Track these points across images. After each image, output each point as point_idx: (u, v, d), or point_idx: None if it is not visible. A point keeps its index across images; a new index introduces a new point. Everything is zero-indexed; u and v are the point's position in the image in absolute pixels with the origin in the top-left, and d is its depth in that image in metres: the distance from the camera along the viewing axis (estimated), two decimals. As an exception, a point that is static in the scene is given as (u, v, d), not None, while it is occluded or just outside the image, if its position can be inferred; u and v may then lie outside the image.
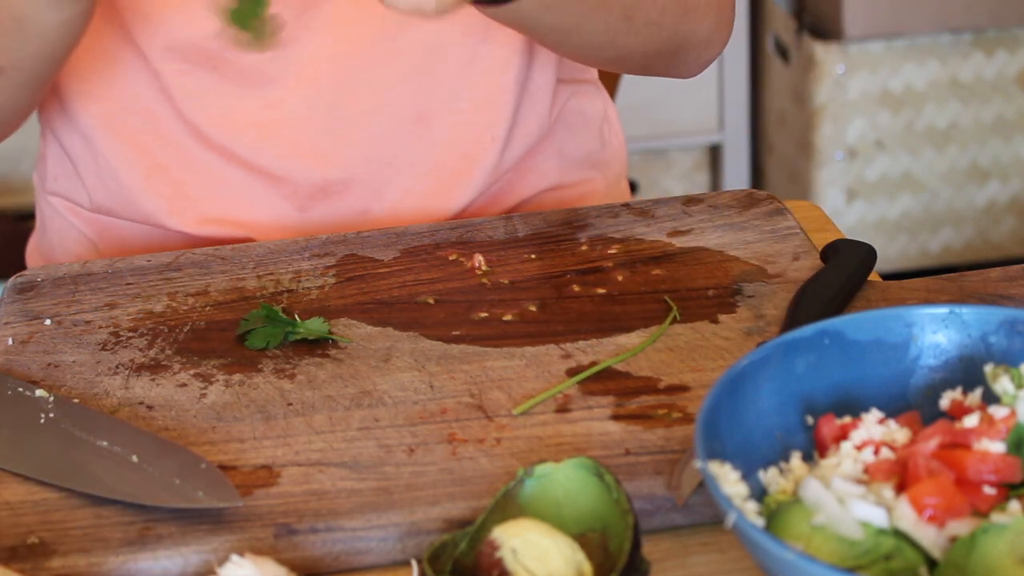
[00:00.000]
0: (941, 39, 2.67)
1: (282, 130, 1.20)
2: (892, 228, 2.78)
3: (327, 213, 1.23)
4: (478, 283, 1.10)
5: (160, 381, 1.01)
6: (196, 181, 1.22)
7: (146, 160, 1.22)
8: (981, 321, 0.87)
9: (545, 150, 1.30)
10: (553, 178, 1.30)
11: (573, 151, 1.32)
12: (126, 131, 1.22)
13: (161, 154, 1.22)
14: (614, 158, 1.37)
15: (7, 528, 0.88)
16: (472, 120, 1.23)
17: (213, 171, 1.22)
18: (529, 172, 1.29)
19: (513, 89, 1.24)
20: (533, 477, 0.83)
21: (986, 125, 2.73)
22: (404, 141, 1.22)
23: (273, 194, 1.22)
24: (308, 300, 1.09)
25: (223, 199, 1.22)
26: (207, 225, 1.23)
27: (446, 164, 1.24)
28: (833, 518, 0.77)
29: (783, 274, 1.09)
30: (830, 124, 2.70)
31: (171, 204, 1.23)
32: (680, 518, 0.88)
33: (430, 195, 1.24)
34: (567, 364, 1.00)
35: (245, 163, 1.21)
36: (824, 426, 0.83)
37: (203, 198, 1.23)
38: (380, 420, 0.95)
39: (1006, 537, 0.74)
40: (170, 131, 1.21)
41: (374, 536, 0.87)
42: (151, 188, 1.23)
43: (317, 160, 1.21)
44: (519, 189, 1.29)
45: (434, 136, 1.23)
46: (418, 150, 1.23)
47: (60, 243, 1.30)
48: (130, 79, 1.20)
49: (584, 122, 1.33)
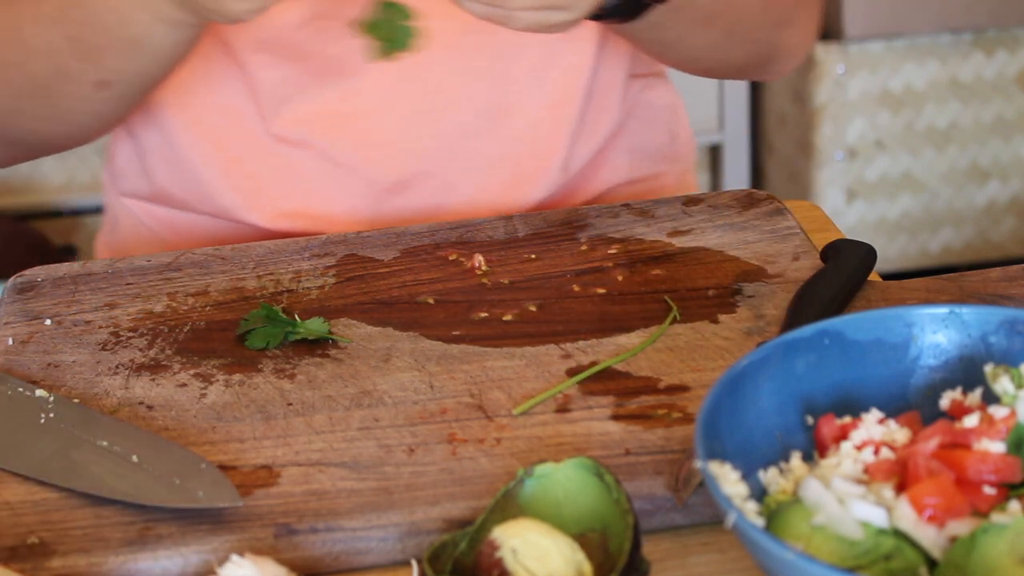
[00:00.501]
0: (941, 39, 2.67)
1: (360, 122, 1.22)
2: (892, 228, 2.78)
3: (401, 207, 1.24)
4: (478, 283, 1.10)
5: (160, 381, 1.01)
6: (273, 175, 1.24)
7: (225, 155, 1.24)
8: (981, 321, 0.87)
9: (617, 145, 1.31)
10: (625, 173, 1.31)
11: (644, 145, 1.33)
12: (206, 126, 1.23)
13: (239, 149, 1.24)
14: (683, 151, 1.38)
15: (7, 528, 0.88)
16: (547, 117, 1.25)
17: (290, 165, 1.23)
18: (601, 167, 1.30)
19: (587, 86, 1.25)
20: (533, 477, 0.83)
21: (986, 125, 2.73)
22: (480, 136, 1.24)
23: (349, 188, 1.23)
24: (308, 300, 1.09)
25: (299, 193, 1.24)
26: (282, 219, 1.24)
27: (520, 160, 1.25)
28: (833, 518, 0.77)
29: (783, 274, 1.09)
30: (830, 124, 2.70)
31: (248, 199, 1.24)
32: (680, 518, 0.88)
33: (504, 191, 1.25)
34: (567, 364, 1.00)
35: (323, 155, 1.23)
36: (824, 426, 0.83)
37: (280, 193, 1.24)
38: (380, 420, 0.95)
39: (1006, 537, 0.74)
40: (250, 126, 1.23)
41: (374, 536, 0.87)
42: (229, 183, 1.24)
43: (394, 153, 1.23)
44: (592, 184, 1.30)
45: (509, 132, 1.24)
46: (493, 146, 1.24)
47: (134, 243, 1.32)
48: (214, 75, 1.22)
49: (654, 115, 1.34)
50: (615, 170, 1.31)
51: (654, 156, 1.34)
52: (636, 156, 1.32)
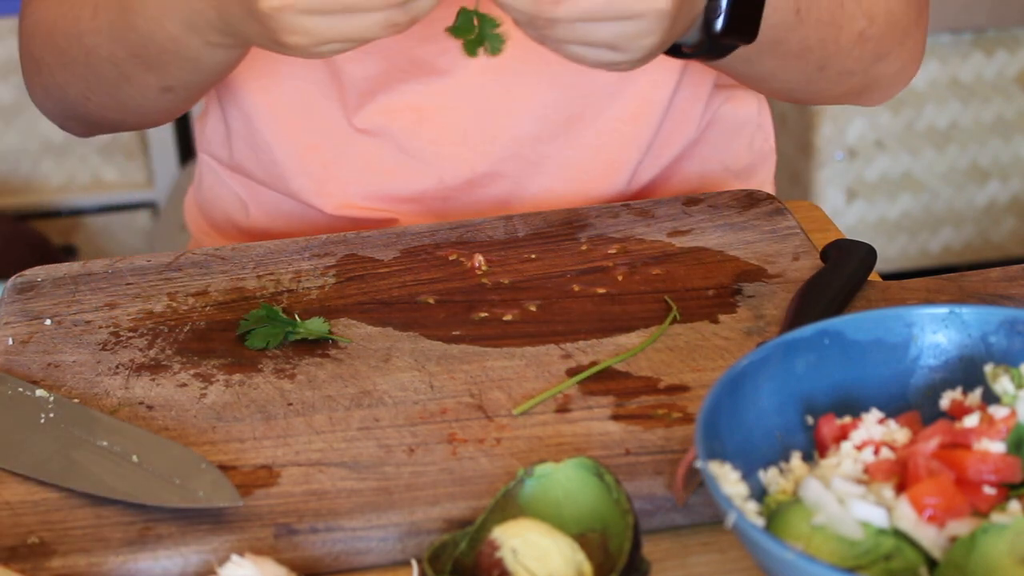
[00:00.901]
0: (941, 39, 2.67)
1: (438, 118, 1.23)
2: (892, 228, 2.78)
3: (467, 204, 1.25)
4: (478, 283, 1.10)
5: (160, 381, 1.01)
6: (347, 164, 1.25)
7: (301, 140, 1.25)
8: (981, 321, 0.87)
9: (692, 157, 1.30)
10: (695, 184, 1.31)
11: (720, 158, 1.32)
12: (285, 111, 1.24)
13: (316, 136, 1.25)
14: (761, 164, 1.36)
15: (7, 528, 0.88)
16: (621, 129, 1.25)
17: (365, 155, 1.24)
18: (673, 178, 1.30)
19: (666, 103, 1.25)
20: (533, 477, 0.83)
21: (986, 125, 2.73)
22: (553, 142, 1.24)
23: (420, 182, 1.24)
24: (308, 300, 1.09)
25: (370, 183, 1.25)
26: (349, 208, 1.25)
27: (590, 168, 1.25)
28: (833, 518, 0.77)
29: (783, 274, 1.09)
30: (830, 124, 2.70)
31: (320, 185, 1.25)
32: (680, 518, 0.88)
33: (570, 195, 1.26)
34: (567, 364, 1.00)
35: (399, 147, 1.23)
36: (824, 426, 0.83)
37: (351, 181, 1.25)
38: (380, 420, 0.95)
39: (1006, 537, 0.74)
40: (329, 114, 1.24)
41: (374, 536, 0.87)
42: (303, 168, 1.25)
43: (468, 150, 1.23)
44: (660, 194, 1.29)
45: (582, 141, 1.24)
46: (566, 152, 1.25)
47: (215, 199, 1.34)
48: (298, 62, 1.22)
49: (736, 129, 1.32)
50: (686, 181, 1.30)
51: (728, 169, 1.33)
52: (710, 168, 1.31)
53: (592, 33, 0.94)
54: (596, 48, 0.95)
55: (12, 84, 2.74)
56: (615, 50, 0.95)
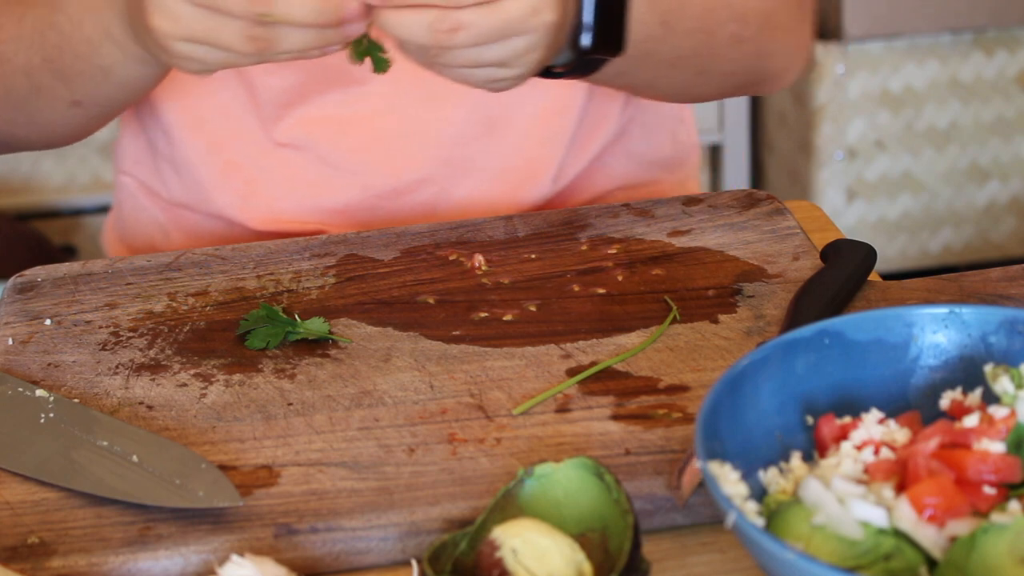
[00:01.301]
0: (941, 39, 2.67)
1: (359, 128, 1.22)
2: (892, 228, 2.78)
3: (395, 212, 1.25)
4: (478, 283, 1.10)
5: (160, 381, 1.01)
6: (270, 178, 1.24)
7: (222, 156, 1.24)
8: (981, 321, 0.87)
9: (615, 152, 1.30)
10: (621, 179, 1.31)
11: (643, 152, 1.32)
12: (204, 127, 1.24)
13: (236, 151, 1.24)
14: (685, 158, 1.36)
15: (7, 528, 0.88)
16: (542, 126, 1.25)
17: (288, 168, 1.24)
18: (597, 173, 1.30)
19: (583, 96, 1.25)
20: (533, 477, 0.83)
21: (986, 125, 2.73)
22: (475, 145, 1.24)
23: (345, 192, 1.24)
24: (308, 300, 1.09)
25: (295, 196, 1.24)
26: (276, 223, 1.24)
27: (515, 168, 1.25)
28: (833, 518, 0.77)
29: (783, 274, 1.09)
30: (830, 124, 2.70)
31: (243, 201, 1.25)
32: (680, 518, 0.88)
33: (498, 197, 1.25)
34: (567, 364, 1.00)
35: (321, 159, 1.23)
36: (824, 426, 0.83)
37: (275, 196, 1.24)
38: (380, 420, 0.95)
39: (1006, 537, 0.74)
40: (248, 129, 1.23)
41: (374, 536, 0.87)
42: (225, 184, 1.25)
43: (391, 159, 1.23)
44: (587, 191, 1.30)
45: (504, 141, 1.25)
46: (488, 154, 1.25)
47: (135, 224, 1.33)
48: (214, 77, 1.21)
49: (658, 122, 1.33)
50: (611, 177, 1.31)
51: (653, 163, 1.33)
52: (634, 163, 1.32)
53: (483, 54, 0.95)
54: (484, 68, 0.96)
55: (12, 84, 2.74)
56: (503, 67, 0.96)
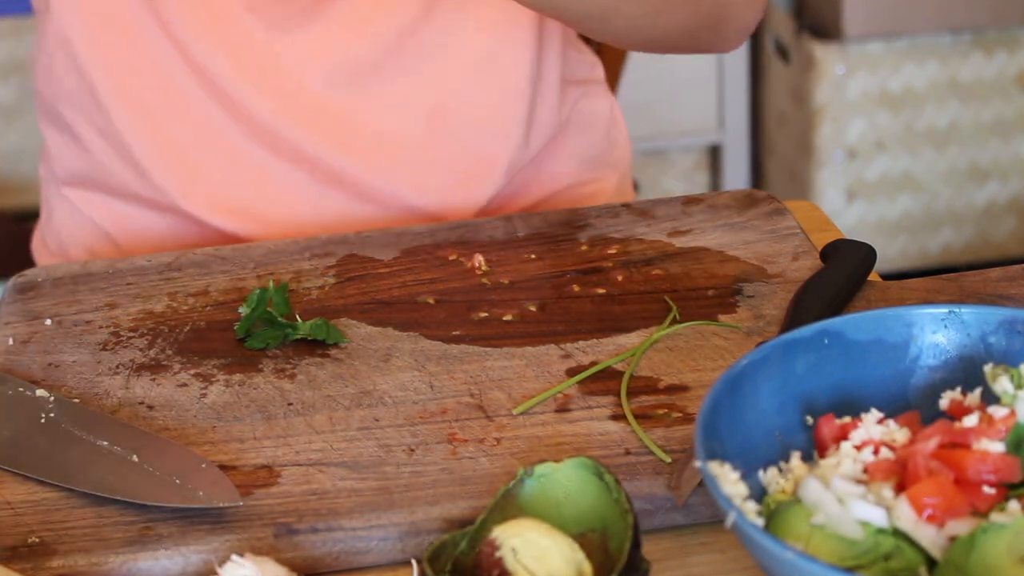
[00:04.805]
0: (941, 39, 2.67)
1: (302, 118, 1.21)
2: (892, 228, 2.78)
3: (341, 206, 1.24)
4: (478, 283, 1.10)
5: (160, 381, 1.01)
6: (211, 161, 1.23)
7: (161, 136, 1.23)
8: (981, 321, 0.87)
9: (558, 151, 1.31)
10: (566, 178, 1.31)
11: (584, 151, 1.33)
12: (142, 104, 1.23)
13: (177, 131, 1.23)
14: (622, 157, 1.38)
15: (7, 528, 0.88)
16: (487, 117, 1.24)
17: (229, 150, 1.23)
18: (543, 172, 1.30)
19: (527, 88, 1.25)
20: (533, 477, 0.83)
21: (986, 125, 2.74)
22: (418, 136, 1.23)
23: (289, 183, 1.23)
24: (308, 300, 1.09)
25: (238, 181, 1.23)
26: (219, 212, 1.23)
27: (462, 161, 1.25)
28: (833, 518, 0.77)
29: (783, 274, 1.09)
30: (830, 124, 2.70)
31: (185, 185, 1.24)
32: (680, 518, 0.88)
33: (446, 192, 1.25)
34: (567, 364, 1.00)
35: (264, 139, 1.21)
36: (824, 426, 0.83)
37: (218, 180, 1.23)
38: (380, 420, 0.95)
39: (1006, 537, 0.74)
40: (188, 107, 1.22)
41: (374, 536, 0.87)
42: (165, 165, 1.23)
43: (334, 146, 1.22)
44: (534, 189, 1.29)
45: (449, 133, 1.24)
46: (433, 146, 1.24)
47: (71, 235, 1.31)
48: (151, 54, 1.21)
49: (593, 122, 1.33)
50: (557, 176, 1.31)
51: (593, 162, 1.34)
52: (577, 162, 1.32)
53: None
54: None
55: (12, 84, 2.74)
56: None
